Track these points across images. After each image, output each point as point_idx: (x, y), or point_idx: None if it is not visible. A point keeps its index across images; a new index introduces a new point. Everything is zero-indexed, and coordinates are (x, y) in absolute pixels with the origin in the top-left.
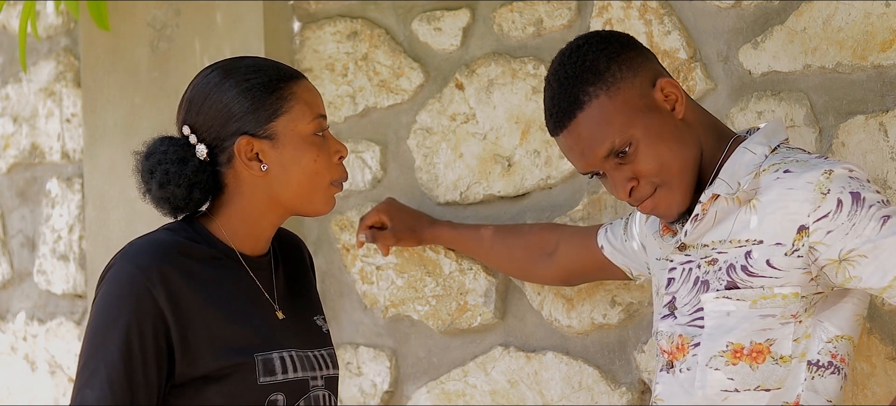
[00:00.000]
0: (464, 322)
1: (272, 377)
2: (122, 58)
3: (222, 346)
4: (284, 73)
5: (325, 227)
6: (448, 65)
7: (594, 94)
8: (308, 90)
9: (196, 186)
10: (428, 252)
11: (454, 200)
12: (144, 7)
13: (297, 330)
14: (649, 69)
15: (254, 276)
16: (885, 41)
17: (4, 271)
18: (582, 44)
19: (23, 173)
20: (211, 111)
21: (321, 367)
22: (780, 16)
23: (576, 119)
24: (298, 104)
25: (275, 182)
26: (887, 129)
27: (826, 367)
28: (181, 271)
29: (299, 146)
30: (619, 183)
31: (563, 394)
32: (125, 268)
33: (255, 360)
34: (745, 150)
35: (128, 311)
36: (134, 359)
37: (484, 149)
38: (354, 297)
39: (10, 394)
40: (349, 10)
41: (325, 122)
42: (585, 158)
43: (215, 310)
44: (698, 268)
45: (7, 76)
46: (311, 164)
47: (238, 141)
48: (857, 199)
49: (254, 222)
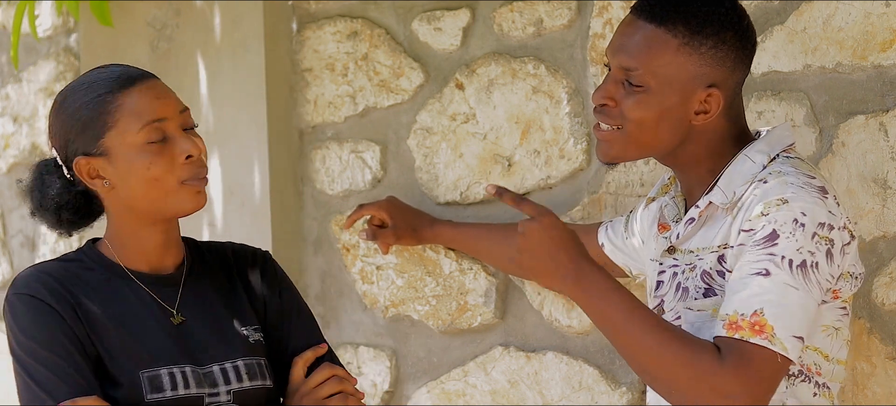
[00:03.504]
0: (464, 322)
1: (160, 394)
2: (122, 58)
3: (112, 362)
4: (114, 85)
5: (326, 227)
6: (448, 65)
7: (676, 34)
8: (141, 97)
9: (63, 208)
10: (428, 252)
11: (454, 200)
12: (144, 7)
13: (199, 343)
14: (724, 74)
15: (150, 291)
16: (885, 41)
17: (4, 271)
18: (736, 5)
19: (23, 173)
20: (57, 133)
21: (226, 381)
22: (780, 16)
23: (649, 26)
24: (124, 117)
25: (122, 195)
26: (887, 129)
27: (797, 376)
28: (71, 291)
29: (132, 157)
30: (605, 90)
31: (564, 394)
32: (22, 300)
33: (141, 378)
34: (745, 158)
35: (45, 328)
36: (73, 353)
37: (484, 149)
38: (354, 296)
39: (10, 394)
40: (349, 10)
41: (165, 124)
42: (619, 47)
43: (105, 326)
44: (682, 273)
45: (7, 76)
46: (147, 172)
47: (77, 161)
48: (773, 238)
49: (132, 234)
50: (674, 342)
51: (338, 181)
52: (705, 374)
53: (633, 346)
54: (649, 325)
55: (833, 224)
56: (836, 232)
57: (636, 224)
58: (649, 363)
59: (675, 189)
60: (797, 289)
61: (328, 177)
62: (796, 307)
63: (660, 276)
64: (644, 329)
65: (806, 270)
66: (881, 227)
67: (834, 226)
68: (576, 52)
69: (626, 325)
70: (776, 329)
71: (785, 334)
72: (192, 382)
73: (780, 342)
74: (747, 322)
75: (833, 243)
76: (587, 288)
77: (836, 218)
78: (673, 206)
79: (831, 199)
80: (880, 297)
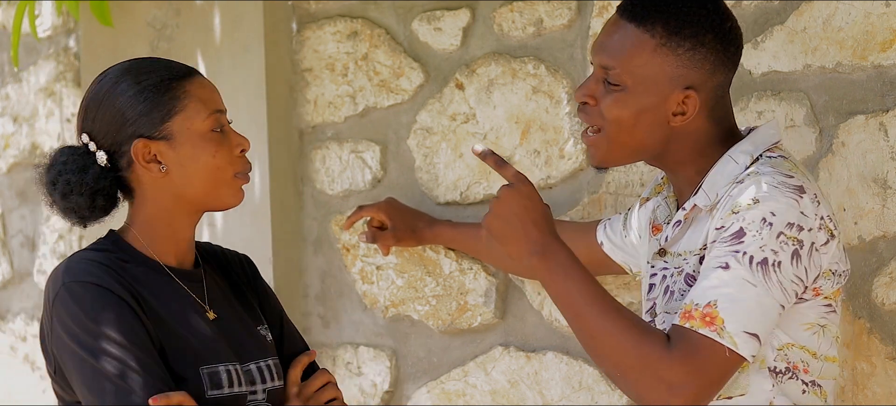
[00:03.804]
0: (464, 322)
1: (219, 390)
2: (123, 58)
3: (172, 357)
4: (177, 72)
5: (325, 227)
6: (448, 65)
7: (655, 34)
8: (203, 87)
9: (98, 194)
10: (428, 252)
11: (454, 200)
12: (144, 7)
13: (237, 340)
14: (702, 76)
15: (185, 286)
16: (885, 41)
17: (4, 271)
18: (718, 3)
19: (23, 173)
20: (106, 117)
21: (262, 379)
22: (780, 16)
23: (629, 25)
24: (192, 102)
25: (177, 181)
26: (887, 129)
27: (784, 374)
28: (127, 281)
29: (197, 143)
30: (586, 87)
31: (564, 394)
32: (86, 289)
33: (202, 374)
34: (729, 159)
35: (118, 319)
36: (148, 345)
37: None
38: (354, 297)
39: (10, 394)
40: (349, 10)
41: (223, 117)
42: (600, 46)
43: (161, 320)
44: (671, 276)
45: (7, 76)
46: (211, 160)
47: (134, 144)
48: (740, 235)
49: (167, 225)
50: (627, 329)
51: (338, 181)
52: (652, 362)
53: (588, 328)
54: (606, 309)
55: (803, 225)
56: (807, 233)
57: (634, 221)
58: (602, 347)
59: (667, 190)
60: (755, 285)
61: (328, 177)
62: (752, 303)
63: (651, 279)
64: (600, 313)
65: (767, 269)
66: (881, 227)
67: (804, 226)
68: (576, 52)
69: (584, 307)
70: (727, 323)
71: (736, 328)
72: (242, 380)
73: (729, 336)
74: (700, 312)
75: (802, 244)
76: (551, 264)
77: (809, 219)
78: (665, 207)
79: (808, 198)
80: (880, 297)
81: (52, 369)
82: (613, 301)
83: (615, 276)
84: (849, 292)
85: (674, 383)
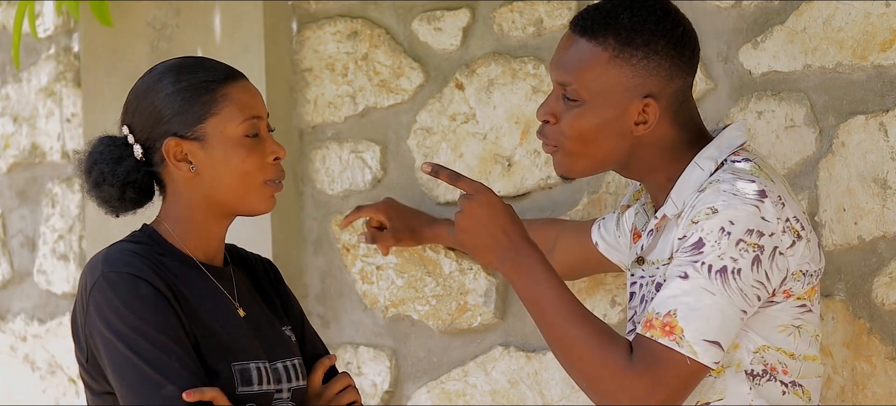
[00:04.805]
0: (464, 322)
1: (249, 387)
2: (122, 58)
3: (205, 351)
4: (219, 74)
5: (325, 227)
6: (448, 65)
7: (607, 46)
8: (244, 91)
9: (130, 186)
10: (428, 252)
11: (454, 200)
12: (144, 7)
13: (265, 339)
14: (659, 83)
15: (216, 281)
16: (885, 41)
17: (4, 271)
18: (666, 6)
19: (23, 173)
20: (145, 112)
21: (288, 378)
22: (780, 16)
23: (581, 40)
24: (229, 106)
25: (206, 182)
26: (887, 129)
27: (761, 376)
28: (164, 274)
29: (228, 148)
30: (547, 106)
31: (564, 394)
32: (124, 279)
33: (234, 370)
34: (694, 166)
35: (156, 310)
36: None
37: (484, 149)
38: (354, 296)
39: (10, 394)
40: (349, 10)
41: (260, 123)
42: (556, 63)
43: (195, 315)
44: (646, 285)
45: (7, 76)
46: (241, 165)
47: (166, 142)
48: (699, 245)
49: (197, 223)
50: (593, 336)
51: (338, 181)
52: (614, 370)
53: (555, 335)
54: (574, 315)
55: (764, 230)
56: (769, 238)
57: (626, 224)
58: (568, 355)
59: (644, 196)
60: (713, 294)
61: (328, 177)
62: (712, 311)
63: (632, 287)
64: (568, 318)
65: (726, 276)
66: (881, 227)
67: (765, 232)
68: None
69: (552, 313)
70: (686, 332)
71: (695, 337)
72: (271, 378)
73: (688, 345)
74: (660, 321)
75: (762, 249)
76: (521, 269)
77: (771, 224)
78: (643, 214)
79: (770, 202)
80: (880, 297)
81: (84, 358)
82: (581, 308)
83: (615, 277)
84: (849, 292)
85: (636, 393)
